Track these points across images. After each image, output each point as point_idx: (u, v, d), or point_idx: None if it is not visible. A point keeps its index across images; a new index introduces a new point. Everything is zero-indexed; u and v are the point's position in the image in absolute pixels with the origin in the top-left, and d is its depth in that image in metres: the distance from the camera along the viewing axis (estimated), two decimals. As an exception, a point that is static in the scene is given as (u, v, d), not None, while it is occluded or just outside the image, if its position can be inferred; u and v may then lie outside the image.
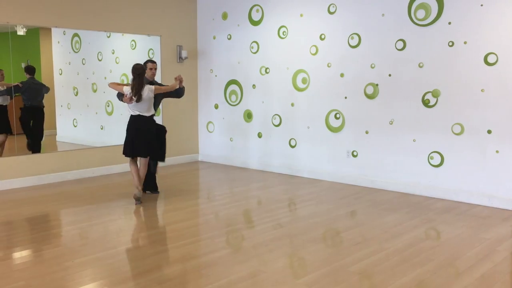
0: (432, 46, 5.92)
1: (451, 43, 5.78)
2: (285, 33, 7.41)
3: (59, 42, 7.71)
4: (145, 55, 8.14)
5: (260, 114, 7.88)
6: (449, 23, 5.77)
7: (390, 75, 6.32)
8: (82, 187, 6.73)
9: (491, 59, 5.50)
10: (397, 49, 6.22)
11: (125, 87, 5.66)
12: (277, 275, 3.69)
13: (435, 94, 5.94)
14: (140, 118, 5.71)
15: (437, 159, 6.02)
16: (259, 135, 7.93)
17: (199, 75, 8.73)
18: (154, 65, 5.96)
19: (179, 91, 6.06)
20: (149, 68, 5.89)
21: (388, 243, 4.39)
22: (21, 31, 6.75)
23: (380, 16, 6.34)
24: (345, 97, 6.79)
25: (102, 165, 7.50)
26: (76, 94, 7.95)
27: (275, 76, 7.61)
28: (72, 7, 7.02)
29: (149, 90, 5.66)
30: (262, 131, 7.89)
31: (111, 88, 5.84)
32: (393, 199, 6.01)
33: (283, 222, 5.07)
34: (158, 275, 3.70)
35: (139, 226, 5.18)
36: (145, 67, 5.81)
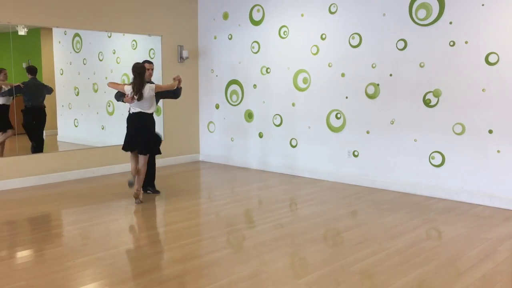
0: (433, 46, 5.91)
1: (452, 43, 5.77)
2: (286, 33, 7.41)
3: (60, 42, 7.72)
4: (146, 55, 8.14)
5: (261, 114, 7.88)
6: (450, 22, 5.76)
7: (391, 75, 6.32)
8: (83, 187, 6.73)
9: (492, 58, 5.50)
10: (398, 49, 6.22)
11: (126, 87, 5.68)
12: (278, 275, 3.69)
13: (436, 94, 5.94)
14: (140, 115, 5.73)
15: (438, 159, 6.01)
16: (260, 135, 7.93)
17: (200, 75, 8.73)
18: (151, 65, 6.00)
19: (176, 92, 6.13)
20: (146, 69, 5.91)
21: (389, 243, 4.38)
22: (22, 31, 6.75)
23: (381, 16, 6.33)
24: (346, 97, 6.79)
25: (103, 165, 7.50)
26: (77, 94, 7.96)
27: (276, 76, 7.60)
28: (73, 7, 7.02)
29: (150, 89, 5.69)
30: (263, 131, 7.89)
31: (110, 88, 5.87)
32: (394, 199, 6.00)
33: (284, 222, 5.07)
34: (159, 275, 3.70)
35: (140, 226, 5.18)
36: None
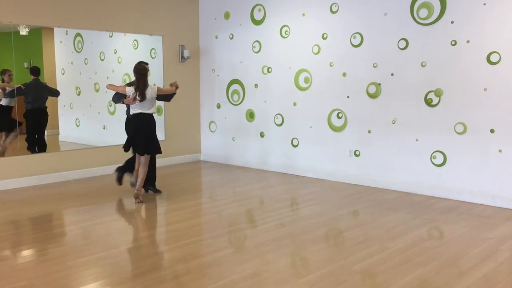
0: (435, 45, 5.91)
1: (453, 42, 5.77)
2: (287, 32, 7.40)
3: (61, 42, 7.72)
4: (147, 54, 8.15)
5: (262, 113, 7.88)
6: (452, 22, 5.76)
7: (392, 74, 6.31)
8: (84, 186, 6.74)
9: (494, 58, 5.49)
10: (399, 48, 6.21)
11: (127, 88, 5.68)
12: (279, 274, 3.69)
13: (438, 93, 5.93)
14: (142, 116, 5.73)
15: (439, 159, 6.00)
16: (261, 135, 7.93)
17: (201, 74, 8.73)
18: (147, 66, 5.99)
19: (170, 96, 6.27)
20: (148, 70, 5.91)
21: (390, 242, 4.38)
22: (23, 31, 6.76)
23: (383, 15, 6.32)
24: (348, 97, 6.78)
25: (105, 165, 7.50)
26: (79, 94, 7.96)
27: (277, 75, 7.60)
28: (74, 7, 7.03)
29: (152, 90, 5.70)
30: (264, 130, 7.89)
31: (110, 90, 5.87)
32: (395, 198, 6.00)
33: (285, 221, 5.07)
34: (160, 274, 3.70)
35: (142, 225, 5.19)
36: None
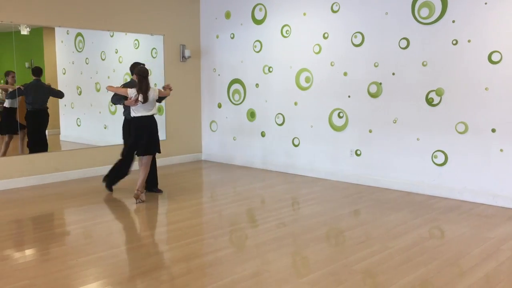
0: (436, 45, 5.90)
1: (455, 42, 5.76)
2: (288, 32, 7.40)
3: (62, 41, 7.72)
4: (148, 54, 8.16)
5: (263, 113, 7.88)
6: (453, 21, 5.75)
7: (393, 73, 6.30)
8: (85, 186, 6.74)
9: (495, 57, 5.48)
10: (400, 47, 6.20)
11: (129, 90, 5.70)
12: (280, 274, 3.69)
13: (439, 92, 5.92)
14: (145, 118, 5.76)
15: (441, 158, 6.00)
16: (262, 134, 7.93)
17: (202, 74, 8.73)
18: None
19: (162, 97, 6.31)
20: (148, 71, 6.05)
21: (391, 242, 4.38)
22: (24, 31, 6.76)
23: (384, 15, 6.32)
24: (349, 96, 6.78)
25: (106, 164, 7.47)
26: (80, 94, 7.96)
27: (278, 75, 7.60)
28: (75, 6, 7.03)
29: (154, 92, 5.77)
30: (265, 130, 7.89)
31: (110, 91, 5.87)
32: (396, 198, 5.99)
33: (286, 221, 5.07)
34: (162, 274, 3.70)
35: (143, 225, 5.19)
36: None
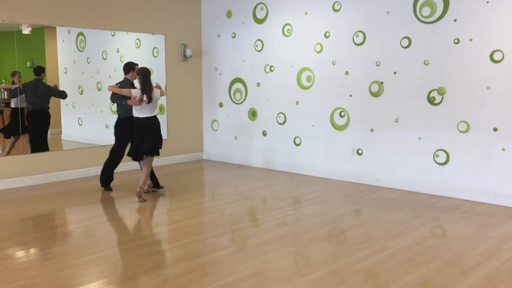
0: (438, 44, 5.89)
1: (456, 41, 5.75)
2: (289, 31, 7.39)
3: (64, 41, 7.72)
4: (150, 53, 8.16)
5: (264, 112, 7.88)
6: (455, 20, 5.74)
7: (395, 72, 6.30)
8: (87, 185, 6.75)
9: (497, 56, 5.47)
10: (402, 46, 6.20)
11: (133, 91, 5.76)
12: (281, 273, 3.69)
13: (441, 91, 5.92)
14: (149, 119, 5.81)
15: (442, 157, 5.99)
16: (264, 134, 7.93)
17: (204, 73, 8.73)
18: (137, 66, 6.25)
19: None
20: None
21: (393, 241, 4.38)
22: (26, 30, 6.76)
23: (385, 14, 6.31)
24: (350, 95, 6.77)
25: (107, 164, 7.51)
26: (81, 93, 7.97)
27: (279, 74, 7.59)
28: (77, 6, 7.03)
29: (156, 92, 5.83)
30: (266, 129, 7.89)
31: (114, 92, 5.88)
32: (398, 197, 5.99)
33: (287, 220, 5.07)
34: (163, 273, 3.71)
35: (144, 224, 5.19)
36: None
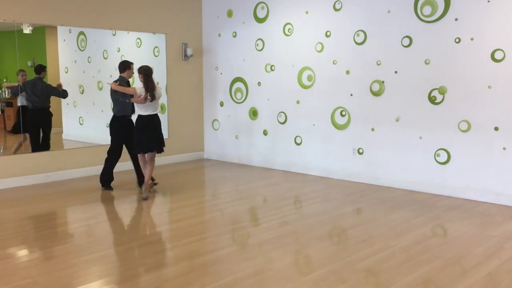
0: (439, 43, 5.88)
1: (457, 40, 5.74)
2: (290, 30, 7.39)
3: (65, 40, 7.73)
4: (151, 53, 8.16)
5: (265, 111, 7.88)
6: (456, 19, 5.73)
7: (396, 72, 6.29)
8: (88, 184, 6.75)
9: (498, 55, 5.46)
10: (403, 45, 6.19)
11: (137, 89, 5.84)
12: (282, 272, 3.69)
13: (442, 91, 5.91)
14: (152, 117, 5.92)
15: (443, 156, 5.99)
16: (265, 133, 7.93)
17: (204, 72, 8.73)
18: (132, 65, 6.34)
19: None
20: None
21: (394, 240, 4.37)
22: (27, 30, 6.77)
23: (386, 13, 6.30)
24: (351, 94, 6.77)
25: (108, 163, 7.51)
26: (82, 92, 7.97)
27: (280, 73, 7.59)
28: (77, 5, 7.03)
29: (159, 91, 5.92)
30: (267, 128, 7.88)
31: (117, 89, 5.93)
32: (399, 196, 5.99)
33: (288, 219, 5.07)
34: (164, 272, 3.71)
35: (145, 223, 5.19)
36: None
